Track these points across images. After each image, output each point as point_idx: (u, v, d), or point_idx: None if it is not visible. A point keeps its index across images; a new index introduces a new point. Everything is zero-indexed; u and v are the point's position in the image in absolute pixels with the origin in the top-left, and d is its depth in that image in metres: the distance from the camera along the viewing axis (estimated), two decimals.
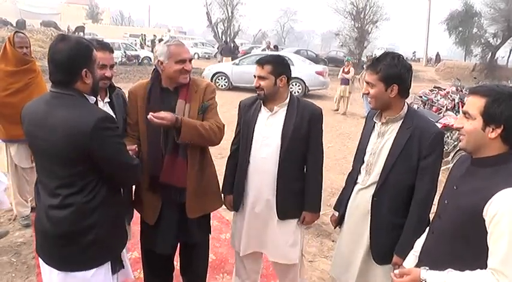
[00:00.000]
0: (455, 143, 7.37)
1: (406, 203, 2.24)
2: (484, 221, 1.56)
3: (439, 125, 8.21)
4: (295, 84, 15.06)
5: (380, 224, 2.30)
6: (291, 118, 2.59)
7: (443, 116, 8.66)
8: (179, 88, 2.53)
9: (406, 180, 2.22)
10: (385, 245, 2.28)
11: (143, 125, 2.51)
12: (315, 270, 3.72)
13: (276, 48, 22.99)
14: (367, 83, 2.25)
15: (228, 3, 35.89)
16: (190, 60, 2.50)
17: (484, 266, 1.56)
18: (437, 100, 10.78)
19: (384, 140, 2.29)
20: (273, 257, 2.79)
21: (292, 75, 2.69)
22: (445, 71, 25.46)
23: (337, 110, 12.79)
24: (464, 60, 34.34)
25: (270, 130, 2.63)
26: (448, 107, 9.81)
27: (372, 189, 2.31)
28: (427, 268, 1.69)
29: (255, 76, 2.61)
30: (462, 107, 9.71)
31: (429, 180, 2.19)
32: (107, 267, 2.02)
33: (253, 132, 2.66)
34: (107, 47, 2.54)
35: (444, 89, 12.24)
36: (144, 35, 34.66)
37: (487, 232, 1.56)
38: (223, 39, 33.96)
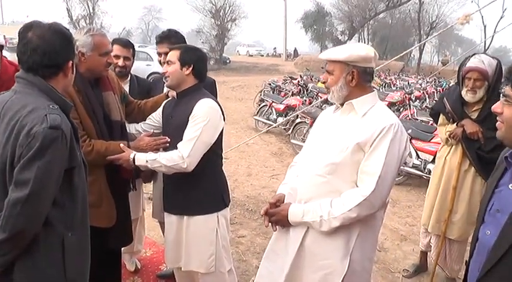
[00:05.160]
0: (294, 119, 8.26)
1: None
2: None
3: (283, 106, 9.03)
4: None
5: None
6: None
7: (288, 98, 9.74)
8: (99, 79, 2.39)
9: None
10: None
11: (90, 122, 2.28)
12: None
13: None
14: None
15: None
16: (111, 52, 2.44)
17: None
18: (285, 86, 11.65)
19: None
20: None
21: (152, 71, 3.04)
22: (302, 64, 27.32)
23: None
24: None
25: None
26: (294, 92, 10.71)
27: None
28: None
29: None
30: (306, 91, 10.81)
31: None
32: None
33: None
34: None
35: (295, 78, 13.38)
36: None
37: None
38: None
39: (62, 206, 1.59)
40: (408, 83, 14.21)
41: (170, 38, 3.00)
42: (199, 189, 2.43)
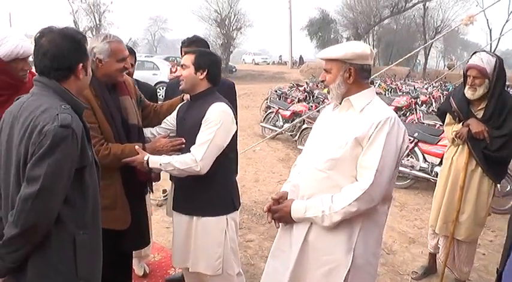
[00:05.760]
0: (300, 124, 8.31)
1: None
2: None
3: (289, 112, 9.07)
4: (162, 88, 15.10)
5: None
6: None
7: (294, 105, 9.83)
8: (116, 84, 2.45)
9: None
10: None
11: (108, 126, 2.33)
12: None
13: None
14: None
15: (95, 10, 34.44)
16: (127, 57, 2.44)
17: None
18: (291, 93, 11.71)
19: None
20: None
21: (159, 80, 3.04)
22: (308, 72, 27.34)
23: None
24: None
25: None
26: (300, 99, 10.76)
27: None
28: None
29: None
30: (312, 97, 10.85)
31: None
32: None
33: None
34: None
35: (301, 85, 13.44)
36: None
37: None
38: None
39: (73, 204, 1.63)
40: (414, 88, 14.17)
41: (197, 43, 3.14)
42: (211, 191, 2.46)
